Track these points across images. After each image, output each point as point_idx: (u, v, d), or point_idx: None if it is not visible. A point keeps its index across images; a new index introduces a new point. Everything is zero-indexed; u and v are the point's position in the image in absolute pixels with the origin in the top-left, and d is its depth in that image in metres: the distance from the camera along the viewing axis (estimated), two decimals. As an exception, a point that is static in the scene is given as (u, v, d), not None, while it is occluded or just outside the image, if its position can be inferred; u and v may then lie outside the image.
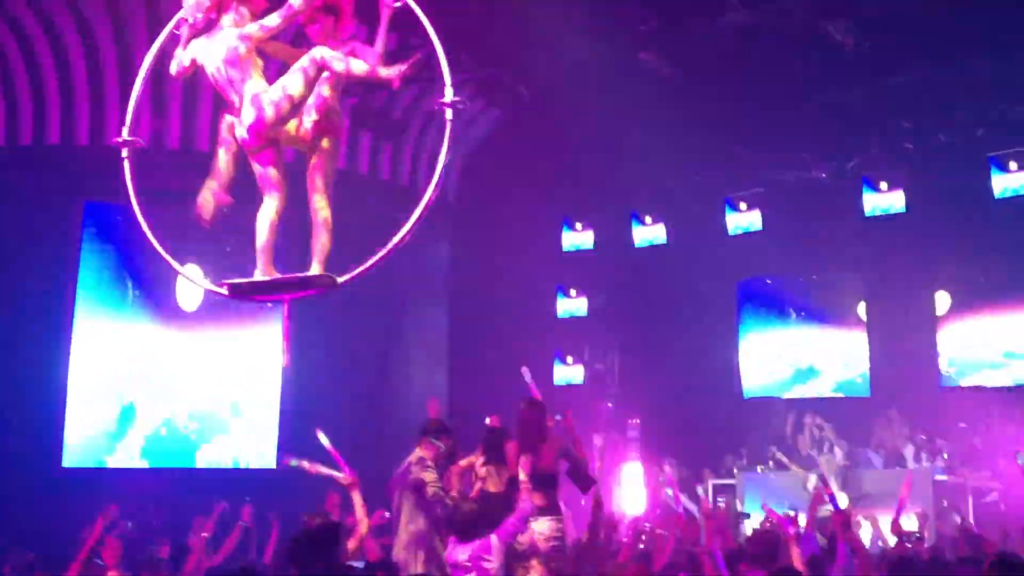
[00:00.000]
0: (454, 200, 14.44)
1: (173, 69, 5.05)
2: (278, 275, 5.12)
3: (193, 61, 5.01)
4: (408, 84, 4.84)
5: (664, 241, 14.11)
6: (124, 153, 5.13)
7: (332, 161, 5.21)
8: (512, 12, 10.83)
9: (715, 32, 11.17)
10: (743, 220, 13.60)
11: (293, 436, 12.38)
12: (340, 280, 4.99)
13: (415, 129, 13.42)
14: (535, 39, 11.47)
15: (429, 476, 6.54)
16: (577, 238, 14.82)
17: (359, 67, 4.85)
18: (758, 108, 12.44)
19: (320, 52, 4.80)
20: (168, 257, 5.20)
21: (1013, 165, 11.83)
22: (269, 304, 5.93)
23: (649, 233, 14.24)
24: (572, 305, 14.94)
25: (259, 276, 5.09)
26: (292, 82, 4.83)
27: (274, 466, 12.43)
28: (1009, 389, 11.86)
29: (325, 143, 5.17)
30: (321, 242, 5.07)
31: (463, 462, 6.87)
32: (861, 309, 13.23)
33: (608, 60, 11.61)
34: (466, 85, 12.95)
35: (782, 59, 11.49)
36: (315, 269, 5.07)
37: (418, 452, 6.70)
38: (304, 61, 4.82)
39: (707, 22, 11.05)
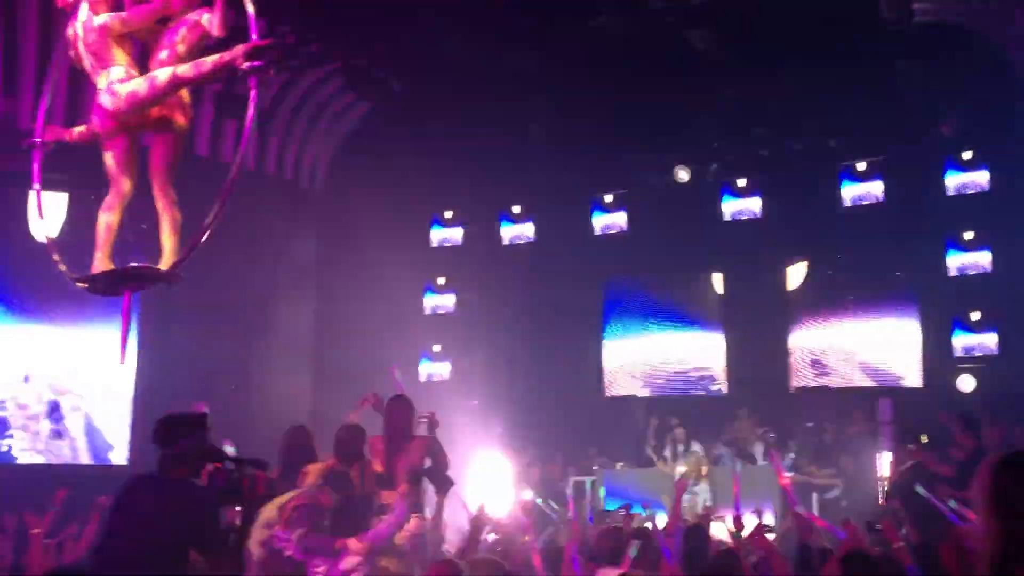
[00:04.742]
0: (321, 193, 14.20)
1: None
2: (112, 267, 5.02)
3: (75, 46, 4.95)
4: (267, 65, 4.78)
5: (532, 239, 14.25)
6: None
7: (179, 145, 5.10)
8: (385, 4, 10.72)
9: (584, 34, 11.34)
10: (609, 221, 13.87)
11: (147, 434, 11.94)
12: (165, 268, 4.88)
13: (283, 118, 13.13)
14: (407, 32, 11.39)
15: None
16: (446, 234, 14.80)
17: (208, 60, 4.78)
18: (624, 110, 12.70)
19: (177, 69, 4.83)
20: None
21: (861, 174, 12.45)
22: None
23: (517, 231, 14.35)
24: (440, 301, 14.91)
25: (97, 267, 4.96)
26: (143, 84, 4.77)
27: (126, 463, 11.99)
28: (855, 390, 12.47)
29: (175, 124, 5.06)
30: (169, 238, 4.97)
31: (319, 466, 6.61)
32: (719, 311, 13.66)
33: (480, 57, 11.63)
34: (335, 76, 12.77)
35: (647, 64, 11.76)
36: (166, 263, 4.94)
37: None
38: (162, 73, 4.82)
39: (577, 24, 11.20)
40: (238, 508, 4.15)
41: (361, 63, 12.20)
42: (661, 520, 8.71)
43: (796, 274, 13.18)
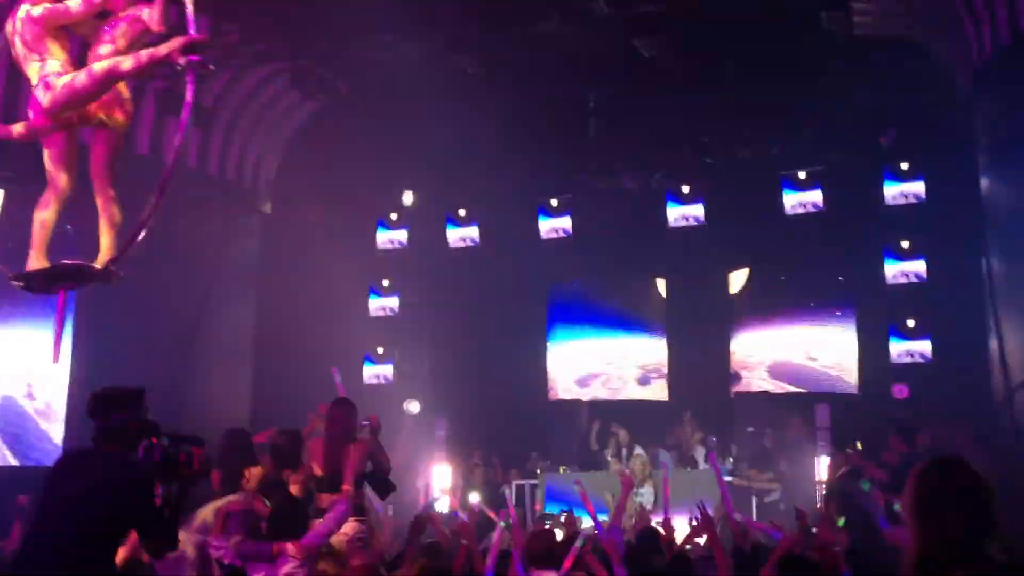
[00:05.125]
0: (264, 193, 14.04)
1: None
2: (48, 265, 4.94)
3: (13, 42, 4.85)
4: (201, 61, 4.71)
5: (477, 242, 14.26)
6: None
7: (119, 143, 5.03)
8: (332, 5, 10.66)
9: (531, 40, 11.38)
10: (554, 225, 13.93)
11: (82, 435, 11.72)
12: (98, 267, 4.82)
13: (225, 117, 12.97)
14: (354, 34, 11.33)
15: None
16: (391, 236, 14.75)
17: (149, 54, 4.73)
18: (570, 116, 12.77)
19: (114, 60, 4.74)
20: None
21: (802, 182, 12.67)
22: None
23: (463, 233, 14.35)
24: (384, 303, 14.84)
25: (32, 265, 4.89)
26: (80, 76, 4.68)
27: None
28: (793, 395, 12.68)
29: (115, 121, 4.99)
30: (108, 237, 4.90)
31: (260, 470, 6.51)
32: (663, 315, 13.79)
33: (426, 60, 11.62)
34: (281, 75, 12.64)
35: (594, 70, 11.83)
36: (102, 261, 4.88)
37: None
38: (99, 65, 4.74)
39: (523, 30, 11.24)
40: (173, 484, 4.07)
41: (307, 63, 12.10)
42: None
43: (738, 280, 13.37)
